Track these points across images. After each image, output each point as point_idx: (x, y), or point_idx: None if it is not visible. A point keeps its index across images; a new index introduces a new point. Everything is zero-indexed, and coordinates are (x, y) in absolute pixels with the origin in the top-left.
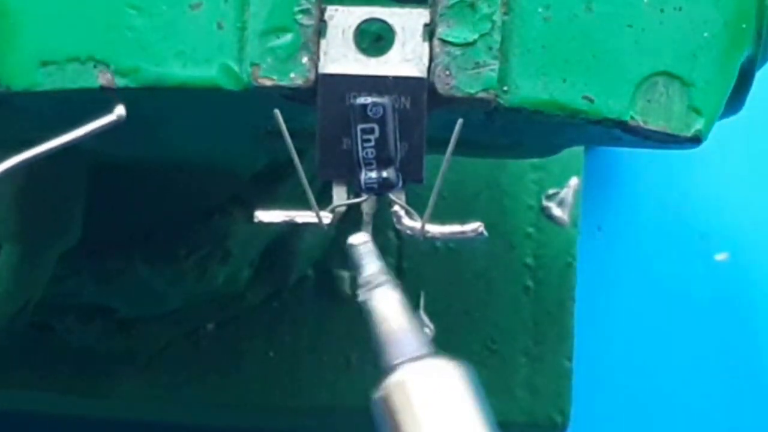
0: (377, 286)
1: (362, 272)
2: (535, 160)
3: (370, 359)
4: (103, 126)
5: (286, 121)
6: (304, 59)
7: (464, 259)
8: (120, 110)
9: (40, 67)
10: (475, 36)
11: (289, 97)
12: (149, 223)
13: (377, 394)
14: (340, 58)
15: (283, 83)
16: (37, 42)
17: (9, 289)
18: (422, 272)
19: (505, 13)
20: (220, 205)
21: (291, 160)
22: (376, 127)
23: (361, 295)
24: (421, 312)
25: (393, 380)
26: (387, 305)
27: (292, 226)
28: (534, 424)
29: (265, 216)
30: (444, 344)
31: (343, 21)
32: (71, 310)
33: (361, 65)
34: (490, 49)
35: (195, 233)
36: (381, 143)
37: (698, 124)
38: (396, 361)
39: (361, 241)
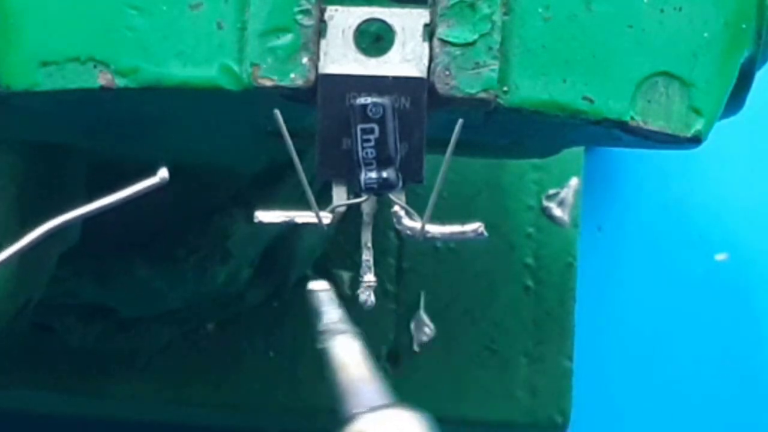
0: (337, 334)
1: (322, 319)
2: (536, 161)
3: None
4: (147, 188)
5: (286, 121)
6: (304, 59)
7: (464, 259)
8: (163, 173)
9: (40, 67)
10: (475, 36)
11: (289, 97)
12: (149, 224)
13: None
14: (340, 58)
15: (283, 83)
16: (38, 42)
17: (9, 289)
18: (422, 272)
19: (505, 14)
20: (220, 205)
21: (291, 161)
22: (376, 127)
23: (321, 343)
24: (421, 312)
25: (353, 430)
26: (347, 354)
27: (292, 227)
28: (534, 425)
29: (265, 216)
30: (444, 344)
31: (343, 21)
32: (71, 310)
33: (361, 65)
34: (490, 49)
35: (195, 233)
36: (381, 143)
37: (698, 125)
38: (355, 411)
39: (321, 288)
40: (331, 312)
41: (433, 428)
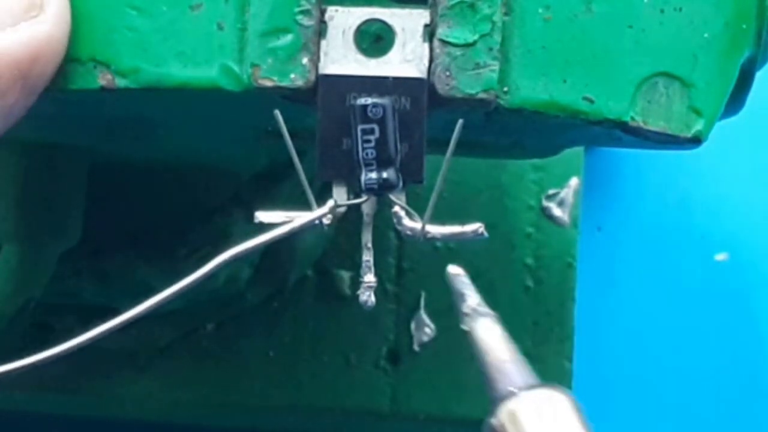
0: (480, 316)
1: (466, 302)
2: (535, 161)
3: (370, 359)
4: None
5: (286, 122)
6: (305, 60)
7: (464, 259)
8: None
9: None
10: (476, 37)
11: (289, 97)
12: (149, 223)
13: (489, 422)
14: (341, 58)
15: (284, 84)
16: None
17: (9, 289)
18: (422, 272)
19: (506, 14)
20: (220, 205)
21: (291, 161)
22: (376, 127)
23: (465, 325)
24: (421, 312)
25: (505, 409)
26: (493, 336)
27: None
28: None
29: (264, 216)
30: (444, 344)
31: (344, 22)
32: (71, 310)
33: (362, 66)
34: (491, 49)
35: (195, 233)
36: (381, 144)
37: (698, 125)
38: (506, 391)
39: (459, 272)
40: (472, 295)
41: (579, 405)
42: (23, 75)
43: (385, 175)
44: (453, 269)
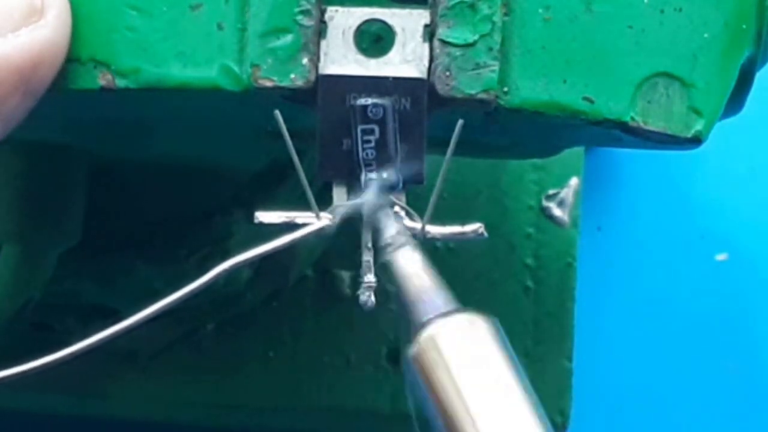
0: (399, 247)
1: (383, 235)
2: (535, 161)
3: (370, 359)
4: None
5: (286, 122)
6: (305, 60)
7: (464, 259)
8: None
9: None
10: (476, 37)
11: (289, 98)
12: (149, 224)
13: (409, 352)
14: (341, 59)
15: (284, 84)
16: None
17: (9, 289)
18: None
19: (506, 14)
20: (221, 205)
21: (291, 161)
22: (376, 128)
23: (385, 257)
24: None
25: (424, 336)
26: (414, 264)
27: (292, 227)
28: None
29: (264, 217)
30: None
31: (344, 22)
32: (71, 310)
33: (362, 66)
34: (491, 50)
35: (195, 233)
36: (381, 144)
37: (698, 125)
38: (425, 318)
39: (377, 205)
40: (390, 226)
41: (502, 331)
42: (24, 81)
43: (385, 175)
44: (371, 203)
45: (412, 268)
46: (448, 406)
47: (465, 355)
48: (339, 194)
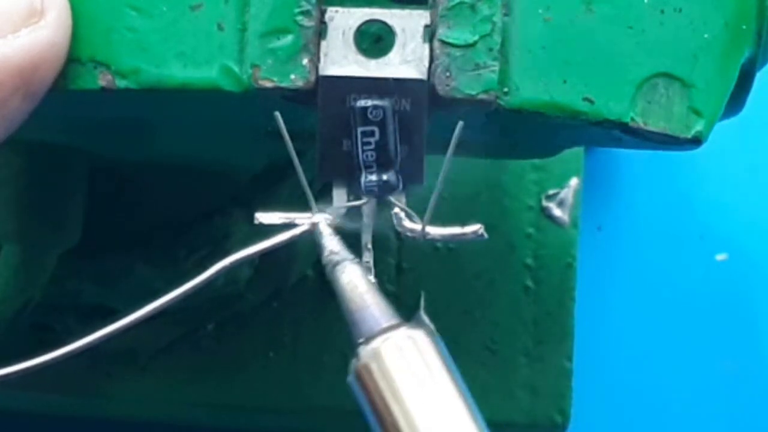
0: (342, 262)
1: (322, 252)
2: (536, 161)
3: None
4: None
5: (286, 123)
6: (305, 61)
7: (464, 259)
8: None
9: None
10: (476, 37)
11: (289, 98)
12: (149, 224)
13: (353, 367)
14: (341, 59)
15: (284, 85)
16: None
17: (9, 289)
18: (422, 272)
19: (506, 15)
20: (220, 205)
21: (291, 161)
22: (376, 129)
23: (328, 275)
24: (421, 312)
25: (369, 349)
26: (356, 280)
27: (291, 228)
28: (534, 425)
29: (264, 217)
30: (444, 344)
31: (344, 22)
32: (71, 311)
33: (362, 67)
34: (491, 50)
35: (195, 234)
36: (381, 145)
37: (699, 126)
38: (367, 333)
39: (319, 221)
40: (331, 243)
41: (440, 342)
42: (25, 82)
43: (385, 177)
44: (313, 219)
45: (353, 284)
46: (389, 418)
47: (405, 368)
48: (339, 195)
